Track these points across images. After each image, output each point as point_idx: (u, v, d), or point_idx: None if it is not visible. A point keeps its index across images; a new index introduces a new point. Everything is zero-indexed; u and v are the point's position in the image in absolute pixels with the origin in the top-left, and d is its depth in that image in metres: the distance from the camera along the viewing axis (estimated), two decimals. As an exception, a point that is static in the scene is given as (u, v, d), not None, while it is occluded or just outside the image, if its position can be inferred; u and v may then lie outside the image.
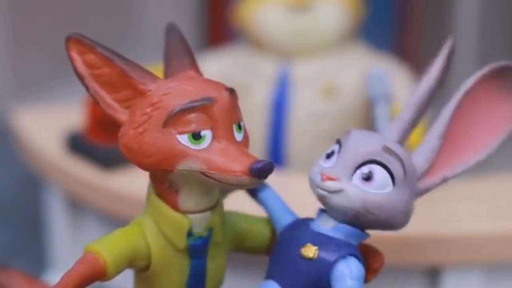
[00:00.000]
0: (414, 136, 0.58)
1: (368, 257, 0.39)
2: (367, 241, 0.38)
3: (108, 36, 1.02)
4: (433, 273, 0.51)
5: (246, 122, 0.37)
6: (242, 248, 0.39)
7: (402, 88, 0.64)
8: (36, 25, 0.97)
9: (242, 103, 0.65)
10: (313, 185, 0.37)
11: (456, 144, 0.39)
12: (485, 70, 0.38)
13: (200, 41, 1.05)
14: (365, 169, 0.36)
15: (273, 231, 0.40)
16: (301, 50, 0.65)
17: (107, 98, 0.36)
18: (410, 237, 0.49)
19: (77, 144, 0.60)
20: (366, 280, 0.39)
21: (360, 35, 0.71)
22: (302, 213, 0.39)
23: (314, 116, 0.63)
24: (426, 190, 0.38)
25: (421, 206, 0.52)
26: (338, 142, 0.37)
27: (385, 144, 0.36)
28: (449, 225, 0.50)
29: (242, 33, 0.68)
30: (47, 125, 0.65)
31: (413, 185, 0.37)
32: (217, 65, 0.67)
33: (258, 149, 0.64)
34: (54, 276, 0.63)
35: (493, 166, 0.78)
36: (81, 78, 0.36)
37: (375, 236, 0.40)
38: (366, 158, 0.36)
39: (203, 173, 0.35)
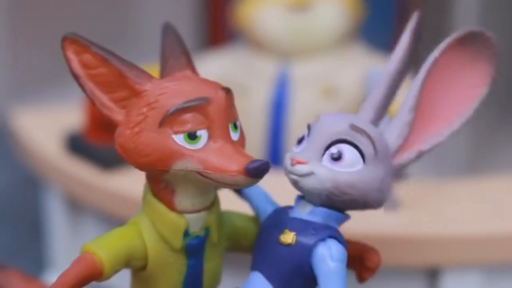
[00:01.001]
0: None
1: (365, 256, 0.38)
2: (365, 241, 0.38)
3: (108, 36, 1.02)
4: (433, 273, 0.51)
5: (245, 122, 0.37)
6: (239, 247, 0.39)
7: (402, 88, 0.64)
8: (35, 25, 0.97)
9: (241, 104, 0.65)
10: (286, 172, 0.37)
11: (429, 117, 0.38)
12: (451, 38, 0.38)
13: (200, 41, 1.05)
14: (333, 149, 0.36)
15: None
16: (301, 50, 0.65)
17: (103, 98, 0.36)
18: (410, 237, 0.49)
19: (77, 145, 0.60)
20: (364, 279, 0.39)
21: (360, 35, 0.71)
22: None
23: (314, 116, 0.63)
24: (403, 166, 0.38)
25: (421, 206, 0.52)
26: (308, 127, 0.37)
27: (352, 122, 0.36)
28: (449, 225, 0.50)
29: (242, 34, 0.68)
30: (46, 126, 0.65)
31: (387, 161, 0.37)
32: (216, 66, 0.67)
33: (257, 149, 0.63)
34: (53, 276, 0.63)
35: (493, 166, 0.78)
36: (77, 78, 0.36)
37: (375, 236, 0.40)
38: (334, 138, 0.36)
39: (199, 173, 0.35)
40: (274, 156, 0.64)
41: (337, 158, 0.36)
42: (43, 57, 0.97)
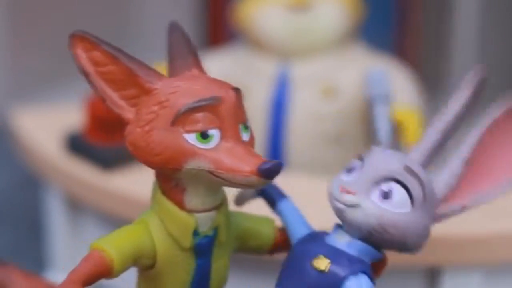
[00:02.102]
0: (411, 135, 0.57)
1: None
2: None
3: (108, 36, 1.02)
4: (433, 273, 0.51)
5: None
6: (246, 247, 0.39)
7: (402, 88, 0.64)
8: (35, 25, 0.97)
9: (241, 103, 0.65)
10: (331, 198, 0.37)
11: (479, 173, 0.38)
12: (507, 104, 0.38)
13: (200, 41, 1.05)
14: (384, 187, 0.36)
15: (276, 231, 0.40)
16: (301, 50, 0.65)
17: (113, 96, 0.36)
18: (410, 237, 0.49)
19: (77, 144, 0.60)
20: None
21: (360, 35, 0.71)
22: (301, 213, 0.39)
23: (314, 116, 0.63)
24: (445, 217, 0.38)
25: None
26: (360, 158, 0.37)
27: (407, 164, 0.36)
28: (449, 225, 0.50)
29: (242, 34, 0.68)
30: (46, 125, 0.65)
31: (432, 209, 0.37)
32: (216, 65, 0.67)
33: (257, 149, 0.63)
34: (53, 276, 0.63)
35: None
36: (87, 75, 0.35)
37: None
38: (387, 176, 0.36)
39: (211, 173, 0.34)
40: (274, 156, 0.64)
41: (386, 196, 0.36)
42: (43, 57, 0.97)
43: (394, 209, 0.36)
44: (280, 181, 0.40)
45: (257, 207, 0.41)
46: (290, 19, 0.64)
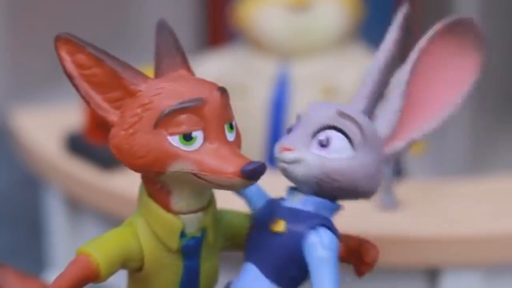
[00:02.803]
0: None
1: (362, 250, 0.38)
2: (364, 236, 0.38)
3: (108, 36, 1.02)
4: (433, 273, 0.51)
5: (245, 122, 0.36)
6: (236, 245, 0.39)
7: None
8: (35, 25, 0.97)
9: (241, 104, 0.65)
10: (276, 161, 0.37)
11: (419, 104, 0.38)
12: (439, 25, 0.38)
13: (200, 41, 1.05)
14: (321, 136, 0.36)
15: None
16: (301, 50, 0.65)
17: (97, 98, 0.35)
18: (410, 237, 0.49)
19: (76, 144, 0.60)
20: (361, 273, 0.39)
21: (360, 35, 0.71)
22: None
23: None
24: (395, 154, 0.38)
25: (421, 206, 0.52)
26: (297, 116, 0.37)
27: (340, 109, 0.36)
28: (449, 225, 0.50)
29: (242, 34, 0.68)
30: (46, 125, 0.65)
31: (378, 149, 0.37)
32: (216, 66, 0.67)
33: (257, 149, 0.63)
34: (53, 276, 0.63)
35: (493, 166, 0.78)
36: (70, 78, 0.35)
37: (375, 236, 0.40)
38: (321, 125, 0.36)
39: (194, 175, 0.34)
40: (274, 156, 0.64)
41: (325, 144, 0.36)
42: (43, 57, 0.97)
43: (335, 155, 0.36)
44: (280, 181, 0.40)
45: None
46: (290, 19, 0.64)
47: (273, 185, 0.41)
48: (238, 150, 0.36)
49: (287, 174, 0.36)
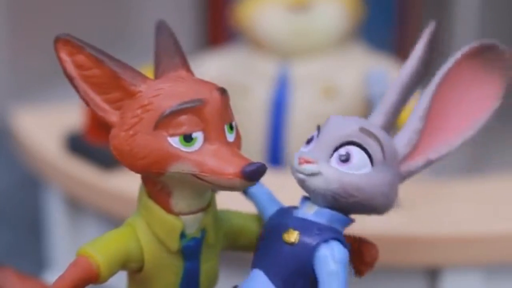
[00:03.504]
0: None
1: (362, 250, 0.39)
2: (364, 235, 0.38)
3: (108, 36, 1.02)
4: (433, 273, 0.51)
5: (245, 122, 0.36)
6: (236, 245, 0.39)
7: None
8: (35, 25, 0.97)
9: (241, 104, 0.65)
10: (293, 171, 0.37)
11: (439, 125, 0.38)
12: (465, 49, 0.38)
13: (200, 41, 1.05)
14: (342, 151, 0.36)
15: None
16: (301, 50, 0.65)
17: (97, 99, 0.35)
18: (410, 237, 0.49)
19: (77, 144, 0.60)
20: (361, 273, 0.39)
21: (360, 35, 0.71)
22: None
23: (314, 116, 0.63)
24: (411, 173, 0.38)
25: (421, 206, 0.52)
26: (318, 128, 0.37)
27: (362, 125, 0.36)
28: (449, 225, 0.50)
29: (242, 34, 0.68)
30: (46, 125, 0.65)
31: (395, 167, 0.37)
32: (216, 66, 0.67)
33: (257, 149, 0.63)
34: (53, 276, 0.63)
35: (493, 166, 0.78)
36: (70, 79, 0.35)
37: (375, 236, 0.40)
38: (343, 140, 0.36)
39: (195, 176, 0.34)
40: (274, 156, 0.64)
41: (345, 159, 0.36)
42: (43, 57, 0.97)
43: (354, 171, 0.36)
44: (280, 181, 0.40)
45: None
46: (290, 19, 0.64)
47: (273, 184, 0.41)
48: (238, 150, 0.36)
49: (304, 185, 0.36)
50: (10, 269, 0.46)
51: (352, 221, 0.37)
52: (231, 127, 0.36)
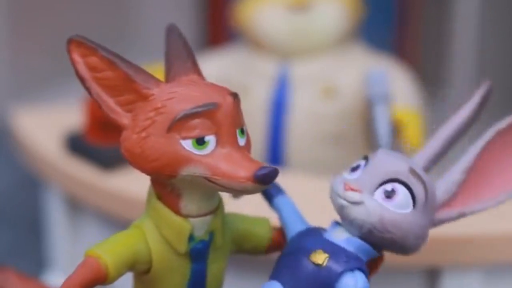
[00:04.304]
0: (411, 135, 0.58)
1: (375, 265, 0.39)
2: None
3: (107, 36, 1.02)
4: (433, 274, 0.51)
5: (245, 122, 0.36)
6: (242, 249, 0.39)
7: (402, 88, 0.64)
8: (35, 25, 0.97)
9: (241, 104, 0.65)
10: (334, 195, 0.37)
11: (479, 182, 0.39)
12: None
13: (200, 41, 1.05)
14: (388, 187, 0.36)
15: (272, 231, 0.40)
16: (301, 50, 0.65)
17: (109, 101, 0.35)
18: (409, 237, 0.49)
19: (77, 145, 0.60)
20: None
21: (360, 35, 0.71)
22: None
23: (314, 116, 0.63)
24: (441, 222, 0.38)
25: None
26: (365, 158, 0.38)
27: (412, 166, 0.37)
28: (449, 225, 0.50)
29: (242, 34, 0.68)
30: (46, 125, 0.65)
31: (432, 213, 0.37)
32: (216, 66, 0.67)
33: (257, 149, 0.63)
34: (53, 276, 0.63)
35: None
36: (83, 81, 0.35)
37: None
38: (391, 176, 0.36)
39: (207, 179, 0.34)
40: (274, 156, 0.64)
41: (389, 195, 0.36)
42: (43, 57, 0.97)
43: (396, 209, 0.36)
44: (280, 181, 0.40)
45: (254, 205, 0.41)
46: (290, 19, 0.64)
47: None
48: (249, 154, 0.36)
49: (343, 212, 0.36)
50: (11, 270, 0.46)
51: (377, 255, 0.37)
52: (242, 131, 0.36)
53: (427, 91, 0.77)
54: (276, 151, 0.64)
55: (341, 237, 0.37)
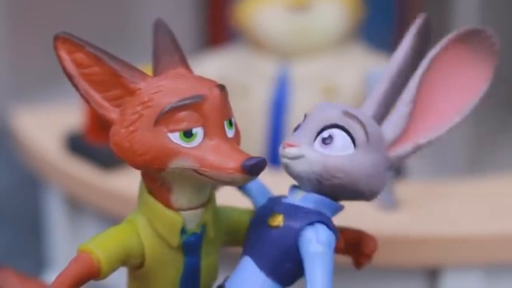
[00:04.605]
0: None
1: (361, 242, 0.39)
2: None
3: (108, 36, 1.02)
4: (433, 273, 0.51)
5: (245, 122, 0.37)
6: (235, 241, 0.40)
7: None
8: (35, 25, 0.97)
9: (241, 104, 0.65)
10: (280, 157, 0.37)
11: (428, 111, 0.39)
12: (452, 34, 0.38)
13: (200, 41, 1.05)
14: (325, 134, 0.36)
15: None
16: (301, 50, 0.65)
17: (97, 97, 0.36)
18: (410, 237, 0.49)
19: (76, 144, 0.60)
20: (360, 264, 0.39)
21: (360, 35, 0.71)
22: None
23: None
24: (400, 158, 0.38)
25: (421, 206, 0.52)
26: (305, 115, 0.38)
27: (345, 109, 0.37)
28: (449, 225, 0.50)
29: (242, 34, 0.68)
30: (46, 125, 0.65)
31: (381, 151, 0.37)
32: (216, 66, 0.67)
33: (257, 149, 0.63)
34: (53, 276, 0.63)
35: (493, 166, 0.78)
36: (70, 77, 0.36)
37: (375, 236, 0.40)
38: (326, 123, 0.37)
39: (195, 171, 0.35)
40: (274, 155, 0.64)
41: (328, 142, 0.36)
42: (43, 57, 0.97)
43: (337, 153, 0.36)
44: (280, 180, 0.40)
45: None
46: (290, 19, 0.64)
47: (273, 184, 0.41)
48: (238, 146, 0.36)
49: (289, 170, 0.37)
50: (11, 270, 0.46)
51: (341, 207, 0.37)
52: (230, 123, 0.36)
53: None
54: (276, 151, 0.64)
55: (297, 197, 0.37)
